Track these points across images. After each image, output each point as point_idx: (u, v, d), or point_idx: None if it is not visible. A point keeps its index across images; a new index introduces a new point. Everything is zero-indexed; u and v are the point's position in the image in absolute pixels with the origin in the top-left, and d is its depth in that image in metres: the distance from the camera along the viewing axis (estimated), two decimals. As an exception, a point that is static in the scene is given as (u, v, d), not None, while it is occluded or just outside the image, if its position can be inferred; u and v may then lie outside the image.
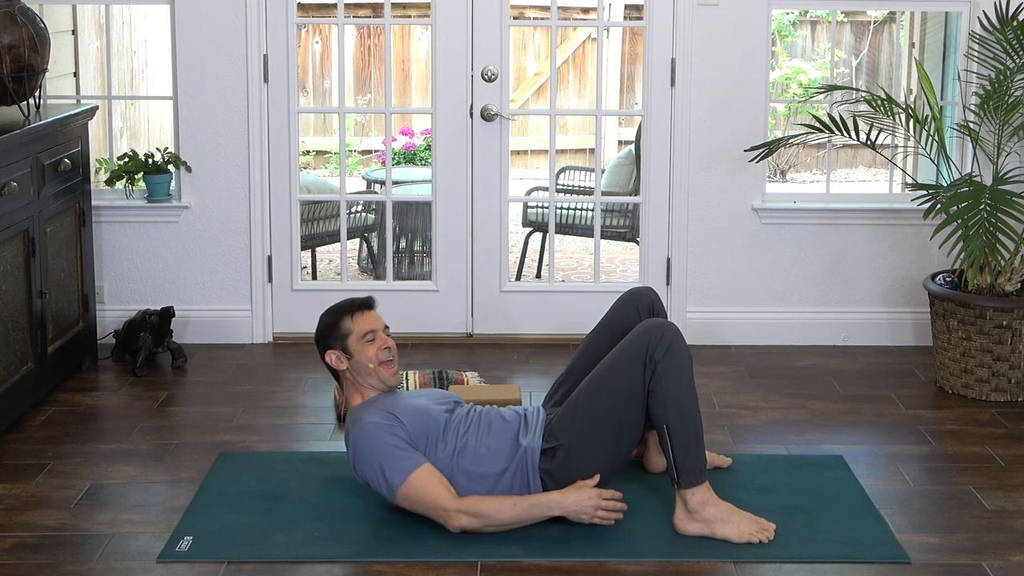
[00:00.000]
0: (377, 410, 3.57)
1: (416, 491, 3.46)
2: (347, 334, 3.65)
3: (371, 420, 3.53)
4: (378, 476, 3.48)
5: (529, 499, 3.49)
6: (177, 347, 5.08)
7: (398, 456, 3.47)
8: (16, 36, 4.51)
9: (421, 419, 3.58)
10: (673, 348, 3.49)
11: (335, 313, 3.70)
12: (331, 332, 3.67)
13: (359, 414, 3.59)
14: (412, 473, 3.45)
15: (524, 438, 3.60)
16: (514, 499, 3.49)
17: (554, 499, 3.48)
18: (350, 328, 3.65)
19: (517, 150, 10.34)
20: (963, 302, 4.68)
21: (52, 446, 4.19)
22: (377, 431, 3.50)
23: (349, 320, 3.66)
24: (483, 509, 3.45)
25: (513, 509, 3.46)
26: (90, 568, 3.34)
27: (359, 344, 3.64)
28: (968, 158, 5.24)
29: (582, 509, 3.46)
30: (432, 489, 3.46)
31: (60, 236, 4.73)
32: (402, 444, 3.49)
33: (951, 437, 4.36)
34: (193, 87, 5.20)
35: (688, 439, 3.48)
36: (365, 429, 3.51)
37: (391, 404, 3.61)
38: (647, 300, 3.89)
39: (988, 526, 3.63)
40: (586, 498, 3.47)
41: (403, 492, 3.46)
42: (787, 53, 10.36)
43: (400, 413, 3.56)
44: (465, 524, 3.45)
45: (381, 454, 3.47)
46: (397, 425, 3.52)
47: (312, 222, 6.33)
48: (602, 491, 3.49)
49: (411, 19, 9.67)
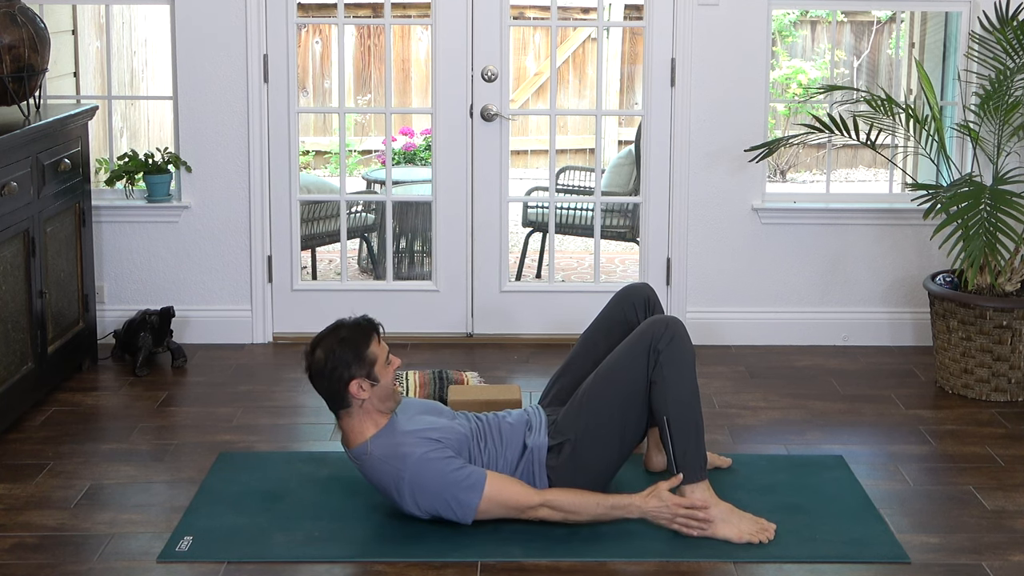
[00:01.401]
0: (412, 439, 3.46)
1: (496, 501, 3.44)
2: (374, 361, 3.45)
3: (419, 453, 3.42)
4: (451, 505, 3.44)
5: (612, 499, 3.49)
6: (177, 347, 5.08)
7: (461, 476, 3.43)
8: (16, 36, 4.51)
9: (453, 437, 3.54)
10: (676, 340, 3.50)
11: (356, 342, 3.45)
12: (356, 361, 3.43)
13: (398, 451, 3.44)
14: (485, 486, 3.42)
15: (530, 438, 3.61)
16: (598, 497, 3.49)
17: (636, 504, 3.47)
18: (376, 354, 3.46)
19: (517, 150, 10.33)
20: (963, 302, 4.68)
21: (52, 446, 4.19)
22: (432, 463, 3.42)
23: (376, 345, 3.47)
24: (567, 504, 3.46)
25: (596, 508, 3.47)
26: (90, 568, 3.34)
27: (384, 369, 3.48)
28: (968, 158, 5.24)
29: (661, 515, 3.47)
30: (510, 492, 3.45)
31: (60, 236, 4.73)
32: (458, 464, 3.45)
33: (951, 437, 4.35)
34: (193, 87, 5.20)
35: (688, 434, 3.49)
36: (421, 465, 3.42)
37: (414, 428, 3.51)
38: (643, 295, 3.90)
39: (988, 526, 3.63)
40: (665, 505, 3.46)
41: (483, 507, 3.44)
42: (787, 53, 10.36)
43: (435, 435, 3.49)
44: (545, 516, 3.46)
45: (447, 481, 3.42)
46: (442, 447, 3.47)
47: (312, 222, 6.33)
48: (682, 500, 3.48)
49: (411, 19, 9.67)
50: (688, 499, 3.48)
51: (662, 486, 3.49)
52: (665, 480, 3.52)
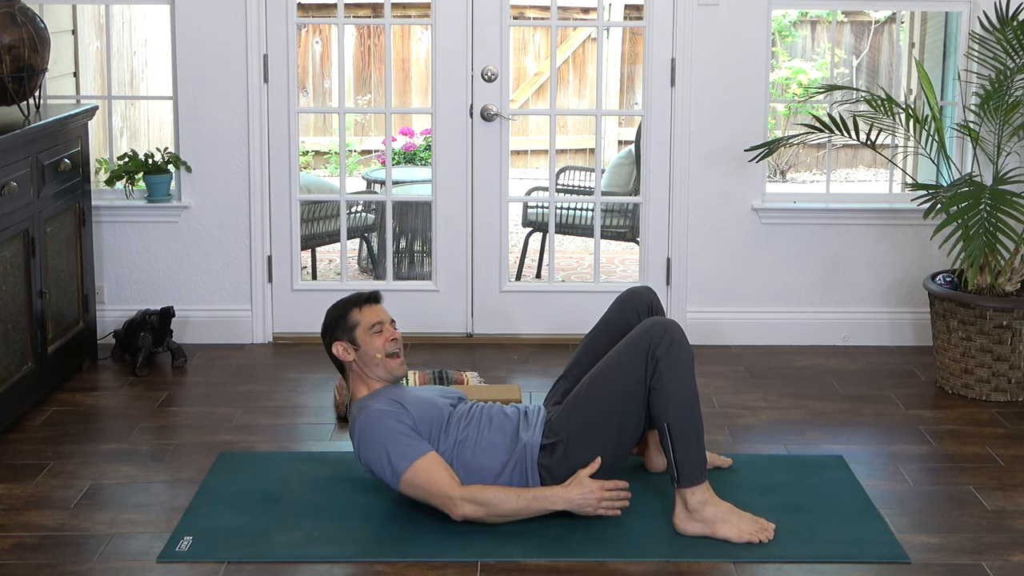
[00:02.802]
0: (383, 398, 3.60)
1: (421, 478, 3.47)
2: (355, 325, 3.69)
3: (377, 407, 3.55)
4: (383, 462, 3.50)
5: (533, 491, 3.50)
6: (177, 347, 5.08)
7: (404, 443, 3.49)
8: (16, 36, 4.51)
9: (426, 409, 3.60)
10: (675, 346, 3.49)
11: (343, 306, 3.75)
12: (339, 323, 3.71)
13: (364, 402, 3.62)
14: (417, 460, 3.47)
15: (524, 433, 3.61)
16: (518, 491, 3.50)
17: (557, 493, 3.49)
18: (358, 319, 3.70)
19: (517, 150, 10.34)
20: (963, 302, 4.68)
21: (52, 446, 4.19)
22: (383, 417, 3.52)
23: (357, 311, 3.72)
24: (487, 498, 3.47)
25: (517, 500, 3.48)
26: (90, 568, 3.34)
27: (366, 335, 3.68)
28: (968, 158, 5.24)
29: (586, 502, 3.48)
30: (437, 476, 3.47)
31: (60, 236, 4.73)
32: (408, 431, 3.52)
33: (951, 437, 4.35)
34: (193, 87, 5.20)
35: (689, 438, 3.48)
36: (371, 415, 3.54)
37: (397, 393, 3.64)
38: (645, 299, 3.90)
39: (988, 526, 3.63)
40: (588, 491, 3.48)
41: (408, 478, 3.48)
42: (787, 53, 10.36)
43: (406, 402, 3.59)
44: (469, 513, 3.46)
45: (387, 440, 3.50)
46: (403, 412, 3.55)
47: (312, 222, 6.33)
48: (604, 483, 3.51)
49: (411, 19, 9.67)
50: (612, 482, 3.51)
51: (582, 473, 3.51)
52: (584, 468, 3.52)
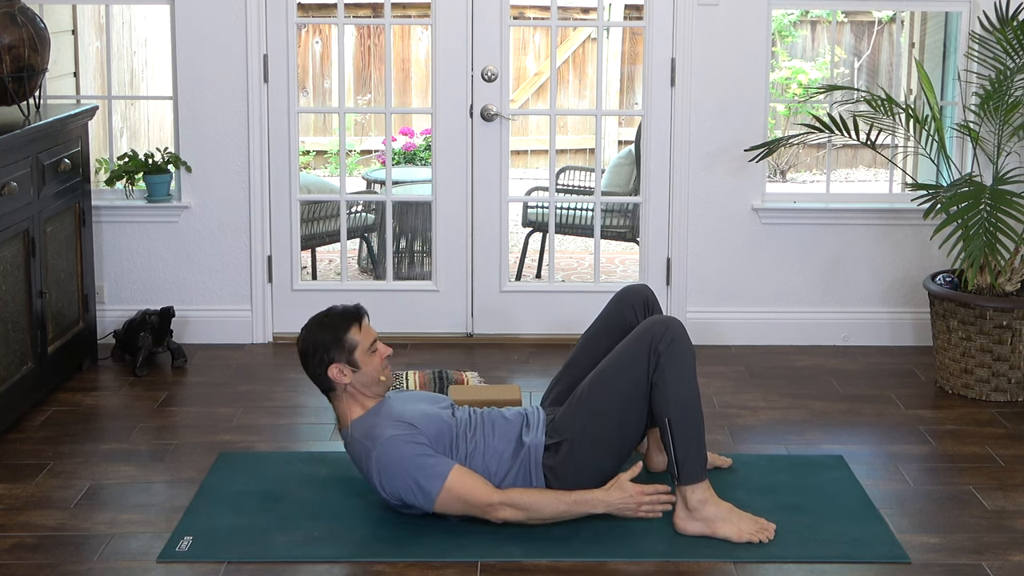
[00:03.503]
0: (389, 422, 3.49)
1: (456, 493, 3.42)
2: (354, 346, 3.54)
3: (391, 434, 3.45)
4: (413, 489, 3.43)
5: (575, 495, 3.48)
6: (177, 347, 5.08)
7: (429, 464, 3.43)
8: (16, 36, 4.51)
9: (435, 425, 3.54)
10: (677, 342, 3.50)
11: (335, 326, 3.56)
12: (335, 345, 3.53)
13: (370, 431, 3.49)
14: (448, 477, 3.42)
15: (527, 436, 3.60)
16: (559, 494, 3.48)
17: (598, 497, 3.47)
18: (357, 340, 3.54)
19: (517, 150, 10.34)
20: (963, 302, 4.68)
21: (52, 446, 4.19)
22: (401, 444, 3.44)
23: (356, 331, 3.55)
24: (528, 502, 3.45)
25: (558, 504, 3.46)
26: (90, 568, 3.34)
27: (366, 356, 3.54)
28: (968, 158, 5.24)
29: (626, 505, 3.47)
30: (472, 487, 3.44)
31: (60, 236, 4.73)
32: (428, 451, 3.45)
33: (951, 437, 4.35)
34: (193, 87, 5.20)
35: (689, 435, 3.48)
36: (388, 446, 3.44)
37: (397, 412, 3.54)
38: (642, 296, 3.90)
39: (988, 526, 3.63)
40: (629, 495, 3.47)
41: (443, 497, 3.43)
42: (787, 53, 10.36)
43: (413, 420, 3.51)
44: (509, 516, 3.44)
45: (412, 466, 3.42)
46: (416, 432, 3.48)
47: (312, 222, 6.33)
48: (645, 487, 3.49)
49: (411, 19, 9.67)
50: (652, 487, 3.49)
51: (623, 477, 3.50)
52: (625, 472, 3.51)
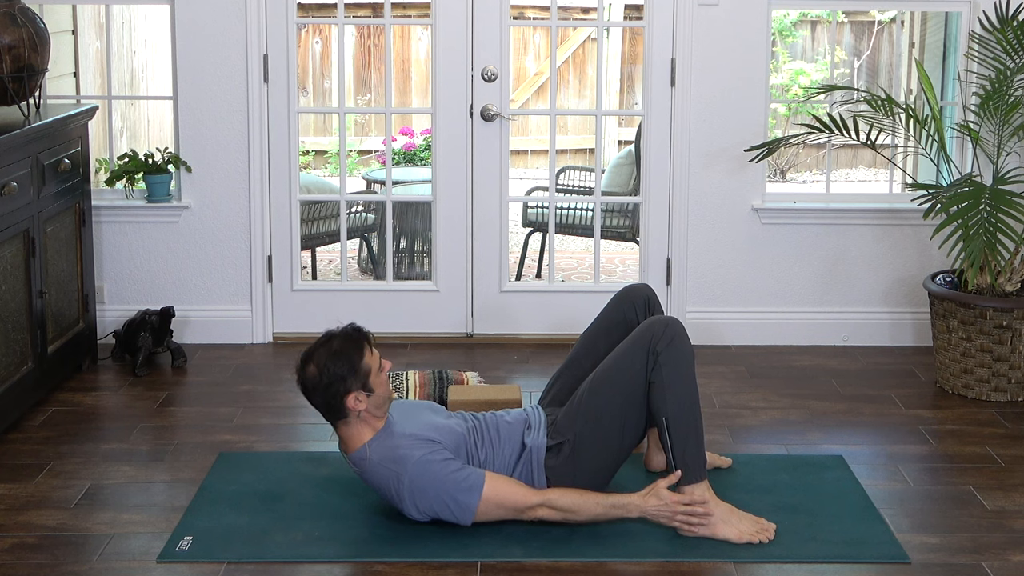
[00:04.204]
0: (409, 441, 3.46)
1: (494, 502, 3.43)
2: (369, 372, 3.44)
3: (417, 456, 3.42)
4: (449, 506, 3.43)
5: (612, 499, 3.48)
6: (177, 347, 5.08)
7: (460, 478, 3.42)
8: (16, 36, 4.51)
9: (452, 437, 3.54)
10: (676, 341, 3.50)
11: (349, 355, 3.44)
12: (351, 375, 3.42)
13: (396, 454, 3.44)
14: (484, 487, 3.42)
15: (529, 438, 3.60)
16: (597, 497, 3.48)
17: (635, 503, 3.47)
18: (370, 365, 3.45)
19: (517, 150, 10.33)
20: (963, 302, 4.68)
21: (52, 446, 4.19)
22: (429, 464, 3.41)
23: (369, 355, 3.46)
24: (567, 504, 3.45)
25: (596, 507, 3.46)
26: (90, 568, 3.34)
27: (376, 378, 3.47)
28: (968, 158, 5.24)
29: (660, 513, 3.47)
30: (508, 492, 3.44)
31: (60, 236, 4.72)
32: (456, 465, 3.44)
33: (951, 437, 4.35)
34: (193, 87, 5.20)
35: (688, 434, 3.49)
36: (419, 467, 3.41)
37: (411, 430, 3.50)
38: (643, 296, 3.90)
39: (988, 526, 3.63)
40: (664, 504, 3.46)
41: (482, 508, 3.43)
42: (788, 54, 10.36)
43: (432, 436, 3.49)
44: (544, 515, 3.45)
45: (446, 484, 3.41)
46: (439, 447, 3.46)
47: (312, 222, 6.33)
48: (682, 497, 3.48)
49: (411, 19, 9.67)
50: (688, 496, 3.48)
51: (661, 484, 3.49)
52: (664, 478, 3.52)
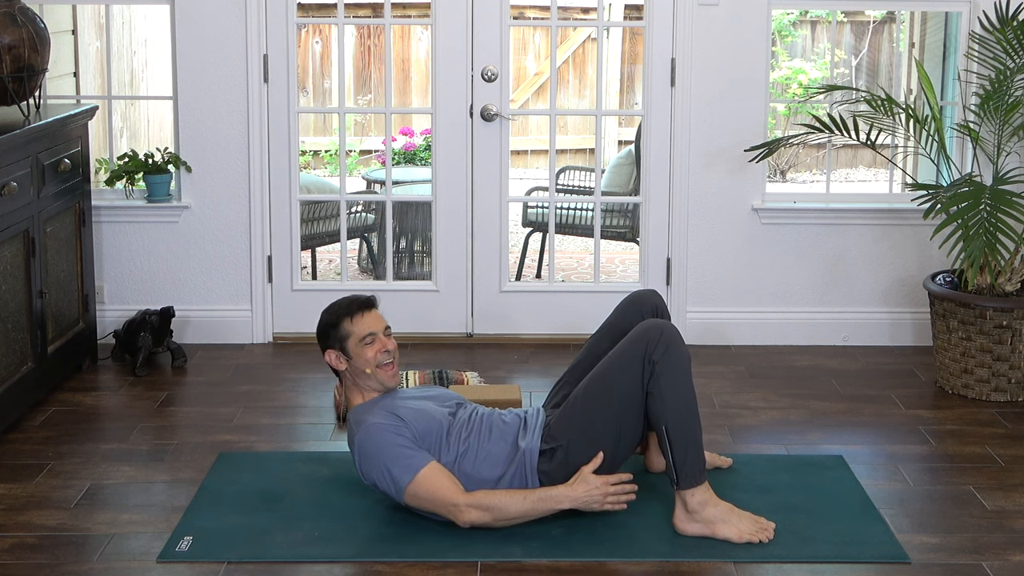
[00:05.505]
0: (380, 411, 3.57)
1: (425, 488, 3.46)
2: (346, 336, 3.65)
3: (375, 421, 3.53)
4: (385, 477, 3.49)
5: (538, 492, 3.49)
6: (177, 347, 5.08)
7: (404, 455, 3.47)
8: (16, 36, 4.51)
9: (424, 421, 3.57)
10: (671, 349, 3.49)
11: (335, 313, 3.69)
12: (330, 333, 3.67)
13: (362, 416, 3.59)
14: (420, 471, 3.46)
15: (523, 440, 3.60)
16: (523, 493, 3.50)
17: (563, 492, 3.48)
18: (349, 330, 3.65)
19: (517, 150, 10.34)
20: (963, 302, 4.68)
21: (52, 446, 4.19)
22: (382, 432, 3.50)
23: (349, 322, 3.65)
24: (493, 503, 3.46)
25: (523, 502, 3.47)
26: (90, 568, 3.34)
27: (358, 347, 3.64)
28: (968, 158, 5.24)
29: (591, 498, 3.48)
30: (440, 485, 3.46)
31: (60, 236, 4.73)
32: (407, 443, 3.50)
33: (951, 437, 4.35)
34: (193, 87, 5.20)
35: (687, 440, 3.48)
36: (370, 431, 3.52)
37: (393, 404, 3.61)
38: (651, 303, 3.88)
39: (988, 526, 3.63)
40: (593, 487, 3.47)
41: (411, 490, 3.47)
42: (787, 53, 10.36)
43: (403, 414, 3.56)
44: (475, 519, 3.45)
45: (387, 455, 3.48)
46: (401, 425, 3.52)
47: (312, 222, 6.33)
48: (608, 477, 3.50)
49: (411, 19, 9.67)
50: (616, 476, 3.50)
51: (585, 470, 3.51)
52: (587, 464, 3.52)
